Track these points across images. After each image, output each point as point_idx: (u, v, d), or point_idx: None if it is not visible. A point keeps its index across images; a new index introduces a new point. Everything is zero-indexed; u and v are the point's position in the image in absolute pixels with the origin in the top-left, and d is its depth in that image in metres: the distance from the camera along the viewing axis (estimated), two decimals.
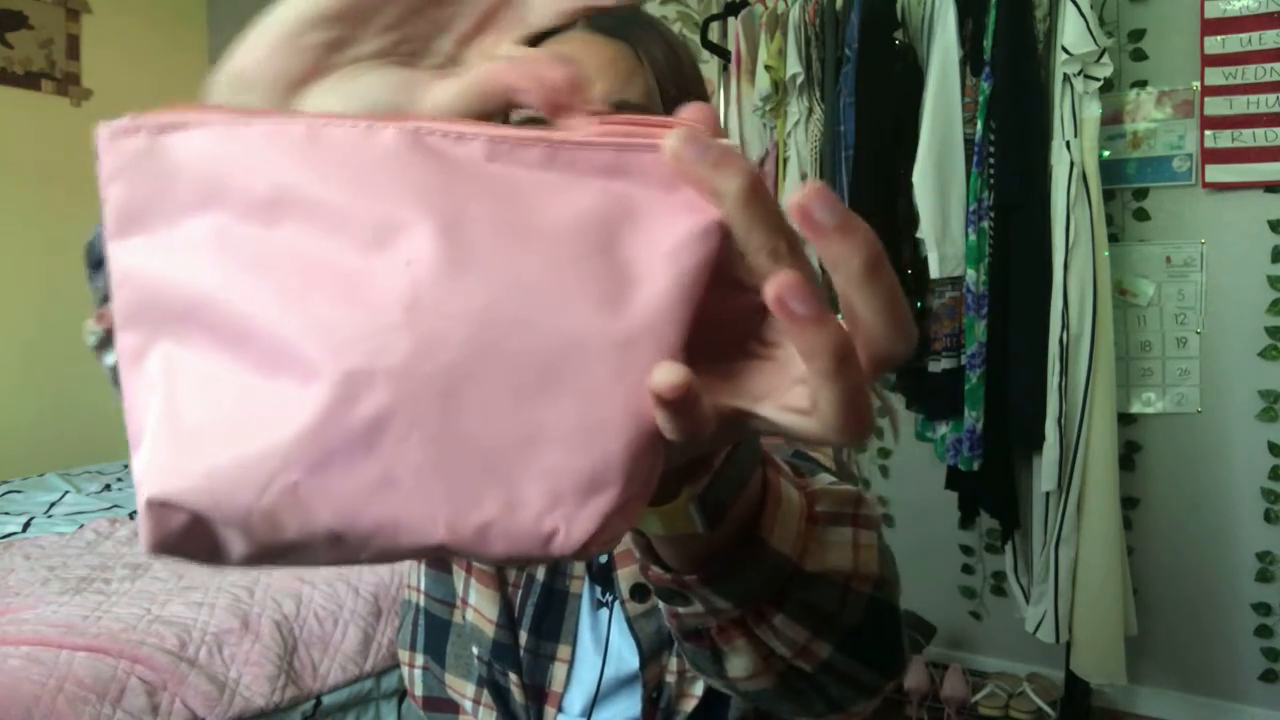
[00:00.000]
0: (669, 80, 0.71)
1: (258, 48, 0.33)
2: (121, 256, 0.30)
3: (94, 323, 0.53)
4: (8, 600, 1.83)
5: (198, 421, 0.28)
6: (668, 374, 0.25)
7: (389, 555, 0.28)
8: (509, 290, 0.26)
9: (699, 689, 0.68)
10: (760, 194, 0.26)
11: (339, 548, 0.28)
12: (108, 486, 2.89)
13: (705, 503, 0.38)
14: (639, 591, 0.68)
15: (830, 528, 0.46)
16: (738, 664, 0.46)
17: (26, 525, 2.42)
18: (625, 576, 0.69)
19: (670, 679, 0.69)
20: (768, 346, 0.29)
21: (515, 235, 0.27)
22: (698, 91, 0.74)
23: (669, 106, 0.70)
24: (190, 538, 0.28)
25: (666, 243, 0.27)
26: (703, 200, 0.27)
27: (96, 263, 0.51)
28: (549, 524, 0.27)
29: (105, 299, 0.51)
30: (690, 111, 0.28)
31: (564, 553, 0.27)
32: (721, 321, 0.28)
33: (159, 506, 0.27)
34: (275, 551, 0.28)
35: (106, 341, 0.52)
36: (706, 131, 0.27)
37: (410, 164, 0.27)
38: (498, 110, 0.31)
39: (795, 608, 0.44)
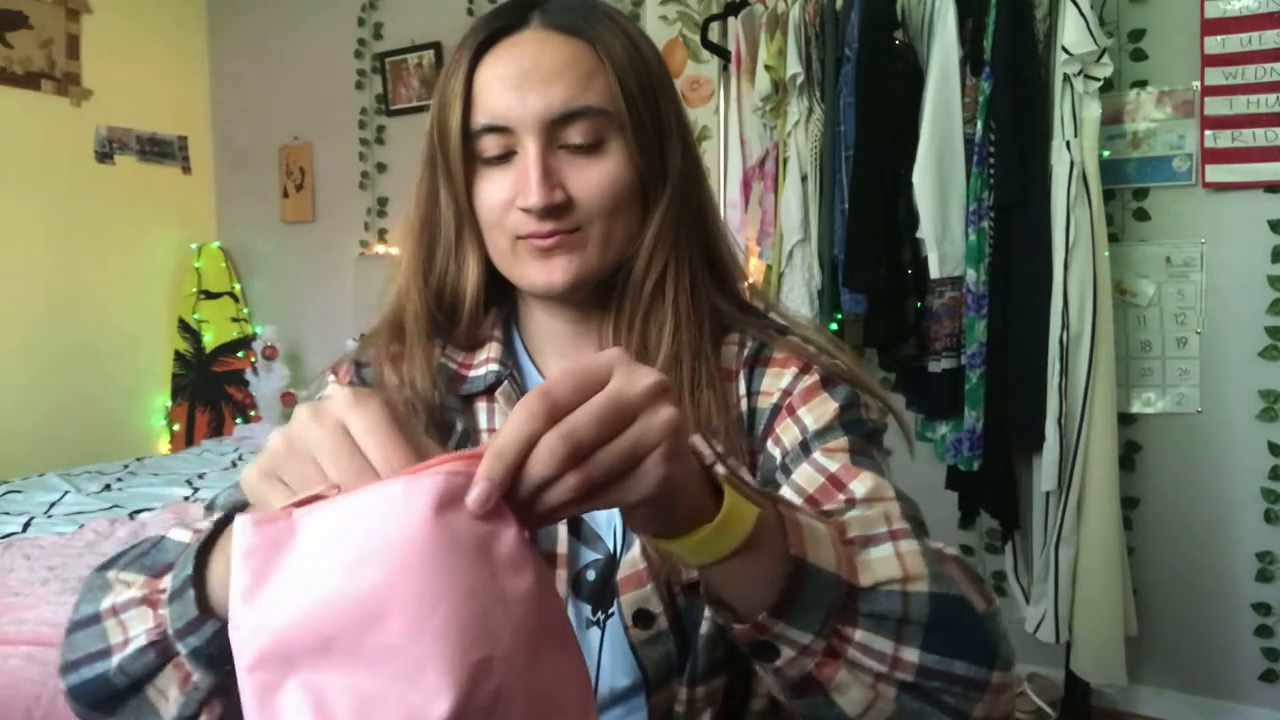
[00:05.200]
0: (631, 78, 0.68)
1: None
2: (250, 616, 0.38)
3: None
4: (8, 600, 1.83)
5: None
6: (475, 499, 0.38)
7: None
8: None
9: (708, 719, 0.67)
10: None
11: None
12: (108, 486, 2.89)
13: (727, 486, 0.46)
14: (642, 618, 0.66)
15: (868, 548, 0.51)
16: (850, 699, 0.49)
17: (26, 525, 2.42)
18: (629, 602, 0.67)
19: (680, 708, 0.67)
20: None
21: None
22: (662, 86, 0.71)
23: (633, 107, 0.68)
24: None
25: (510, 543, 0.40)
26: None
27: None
28: None
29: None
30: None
31: None
32: None
33: None
34: None
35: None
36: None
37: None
38: None
39: (868, 621, 0.48)
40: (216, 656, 0.52)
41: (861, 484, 0.63)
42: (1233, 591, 2.37)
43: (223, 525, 0.53)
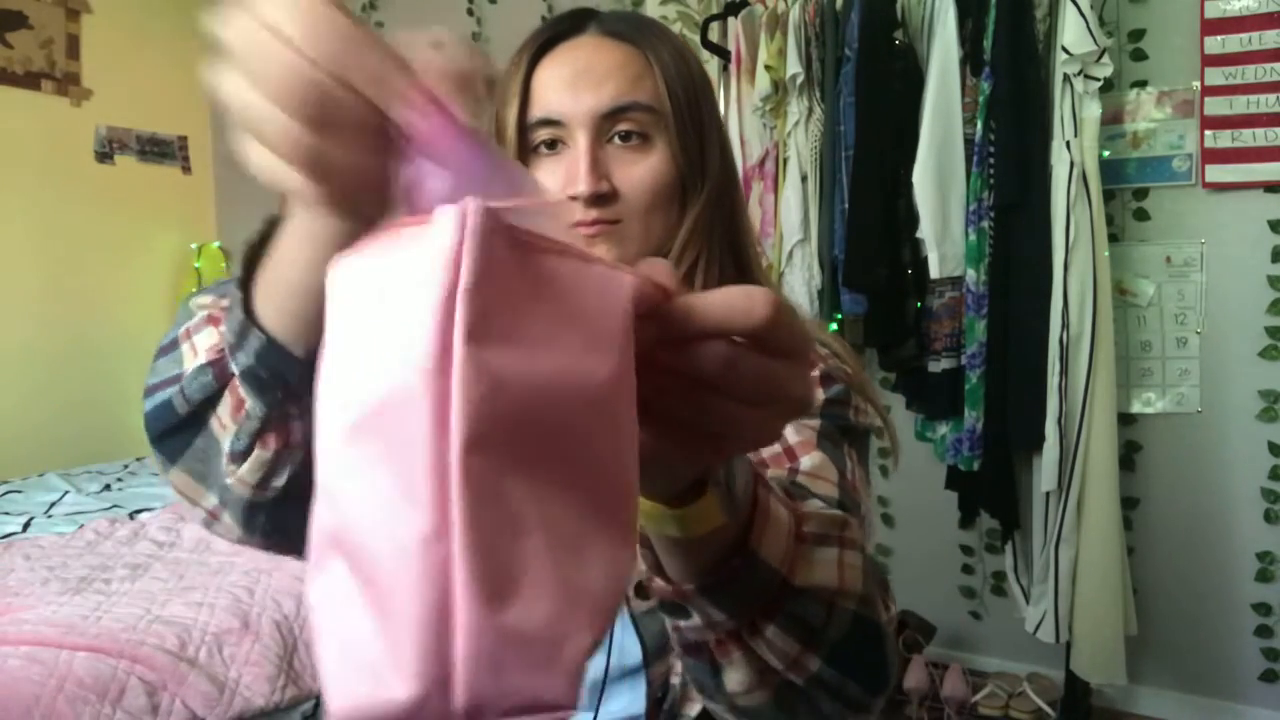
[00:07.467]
0: (676, 83, 0.74)
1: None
2: (479, 360, 0.25)
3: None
4: (8, 600, 1.83)
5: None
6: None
7: None
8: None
9: None
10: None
11: None
12: (108, 486, 2.89)
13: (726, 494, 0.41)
14: (642, 589, 0.68)
15: (817, 547, 0.50)
16: (735, 677, 0.49)
17: (26, 525, 2.42)
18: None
19: (676, 680, 0.69)
20: None
21: None
22: (705, 94, 0.77)
23: (677, 108, 0.73)
24: None
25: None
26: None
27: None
28: None
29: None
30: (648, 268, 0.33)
31: None
32: None
33: None
34: None
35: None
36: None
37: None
38: None
39: (786, 620, 0.47)
40: (266, 380, 0.47)
41: (810, 460, 0.66)
42: (1233, 591, 2.37)
43: (276, 222, 0.48)
